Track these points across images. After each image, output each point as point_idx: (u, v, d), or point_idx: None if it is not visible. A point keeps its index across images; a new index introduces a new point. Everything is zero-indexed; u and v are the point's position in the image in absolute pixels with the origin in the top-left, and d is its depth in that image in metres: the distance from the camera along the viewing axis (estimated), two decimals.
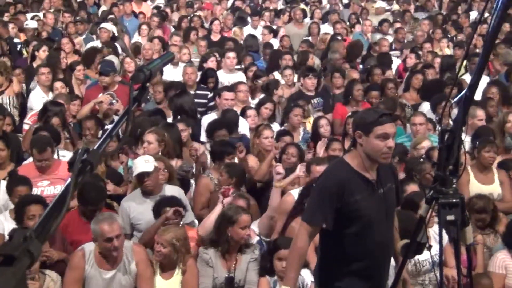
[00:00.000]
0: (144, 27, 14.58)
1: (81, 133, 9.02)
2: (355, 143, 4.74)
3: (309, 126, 9.63)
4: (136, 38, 14.47)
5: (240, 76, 11.43)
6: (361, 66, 13.23)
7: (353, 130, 4.76)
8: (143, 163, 6.80)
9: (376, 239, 4.67)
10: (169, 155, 7.65)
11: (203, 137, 9.10)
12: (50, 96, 9.90)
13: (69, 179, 1.99)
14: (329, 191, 4.62)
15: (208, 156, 8.06)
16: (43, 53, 11.69)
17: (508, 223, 6.95)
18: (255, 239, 6.57)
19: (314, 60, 12.63)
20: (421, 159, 7.65)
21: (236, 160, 7.81)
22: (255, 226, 6.71)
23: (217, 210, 6.50)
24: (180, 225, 6.34)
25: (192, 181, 7.96)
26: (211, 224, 6.35)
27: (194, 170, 7.94)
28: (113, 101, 9.17)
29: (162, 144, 7.59)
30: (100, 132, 8.58)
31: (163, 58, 2.51)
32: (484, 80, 10.62)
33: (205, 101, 9.97)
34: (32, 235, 1.83)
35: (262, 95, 10.54)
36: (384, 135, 4.55)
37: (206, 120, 9.26)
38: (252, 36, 14.58)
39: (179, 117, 9.05)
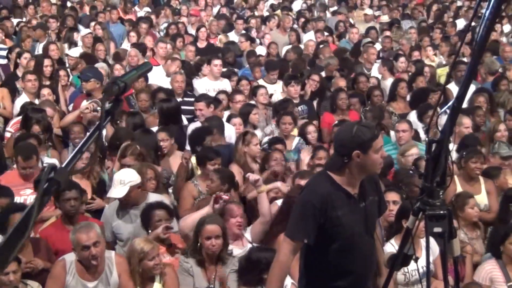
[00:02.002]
0: (133, 34, 14.46)
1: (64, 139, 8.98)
2: (343, 163, 4.58)
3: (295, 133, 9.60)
4: (125, 44, 14.39)
5: (225, 84, 11.39)
6: None
7: (348, 150, 4.52)
8: (118, 184, 6.72)
9: (359, 253, 4.66)
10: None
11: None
12: (36, 103, 9.79)
13: (34, 200, 1.88)
14: (312, 206, 4.57)
15: (190, 165, 8.02)
16: (24, 60, 11.61)
17: (490, 232, 6.96)
18: (247, 246, 6.51)
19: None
20: (410, 171, 7.59)
21: None
22: (247, 234, 6.66)
23: (204, 211, 6.50)
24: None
25: (170, 190, 7.97)
26: (192, 222, 6.33)
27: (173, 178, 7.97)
28: (98, 108, 9.12)
29: (140, 157, 7.53)
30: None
31: (139, 69, 2.42)
32: (471, 87, 10.61)
33: (192, 108, 9.87)
34: None
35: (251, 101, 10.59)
36: (381, 147, 4.56)
37: (192, 128, 9.22)
38: (231, 43, 14.54)
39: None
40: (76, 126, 8.72)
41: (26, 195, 7.20)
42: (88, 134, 2.16)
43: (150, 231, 6.37)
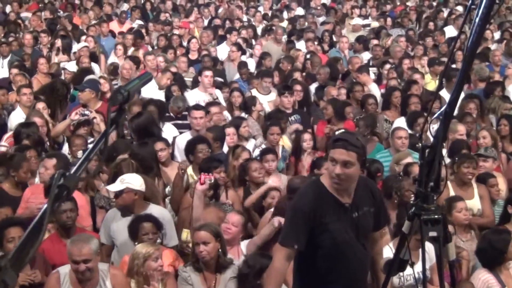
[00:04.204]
0: (119, 47, 14.44)
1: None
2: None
3: (281, 143, 9.61)
4: (112, 58, 14.38)
5: (216, 94, 11.43)
6: None
7: None
8: (118, 181, 6.83)
9: (348, 262, 4.73)
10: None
11: (179, 157, 9.10)
12: None
13: (45, 205, 1.93)
14: (302, 211, 4.66)
15: (185, 176, 8.03)
16: (10, 75, 11.70)
17: (480, 241, 6.83)
18: (241, 259, 6.53)
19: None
20: (399, 176, 7.63)
21: None
22: (243, 246, 6.70)
23: (195, 200, 6.72)
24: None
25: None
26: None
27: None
28: (86, 112, 9.16)
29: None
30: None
31: (141, 78, 2.44)
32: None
33: None
34: (7, 265, 1.79)
35: (241, 113, 10.59)
36: (332, 159, 4.64)
37: (180, 140, 9.25)
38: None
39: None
40: (78, 139, 8.66)
41: None
42: (95, 141, 2.20)
43: (136, 243, 6.34)
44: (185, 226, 7.25)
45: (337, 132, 8.63)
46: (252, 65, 14.04)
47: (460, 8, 20.29)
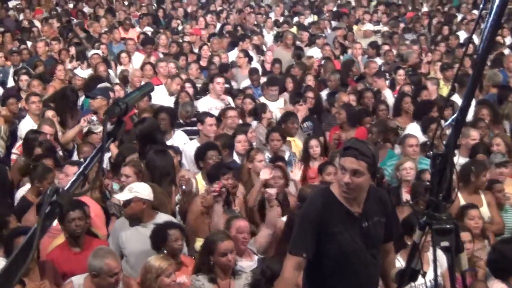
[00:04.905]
0: (124, 55, 14.34)
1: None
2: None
3: (293, 146, 9.59)
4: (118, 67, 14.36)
5: (228, 101, 11.40)
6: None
7: None
8: (126, 190, 6.80)
9: (357, 272, 4.67)
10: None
11: (186, 164, 9.06)
12: None
13: (36, 224, 1.85)
14: (310, 219, 4.62)
15: (194, 183, 7.98)
16: (21, 82, 11.74)
17: (490, 252, 6.63)
18: (255, 258, 6.50)
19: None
20: (426, 183, 7.52)
21: None
22: (252, 246, 6.66)
23: (216, 209, 6.80)
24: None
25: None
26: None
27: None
28: (93, 118, 9.14)
29: (140, 175, 7.42)
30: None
31: (141, 89, 2.37)
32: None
33: None
34: None
35: (252, 120, 10.54)
36: (342, 167, 4.60)
37: (188, 147, 9.22)
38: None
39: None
40: (86, 146, 8.65)
41: None
42: (90, 156, 2.12)
43: (165, 250, 6.26)
44: (197, 235, 7.20)
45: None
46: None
47: (476, 12, 20.18)
